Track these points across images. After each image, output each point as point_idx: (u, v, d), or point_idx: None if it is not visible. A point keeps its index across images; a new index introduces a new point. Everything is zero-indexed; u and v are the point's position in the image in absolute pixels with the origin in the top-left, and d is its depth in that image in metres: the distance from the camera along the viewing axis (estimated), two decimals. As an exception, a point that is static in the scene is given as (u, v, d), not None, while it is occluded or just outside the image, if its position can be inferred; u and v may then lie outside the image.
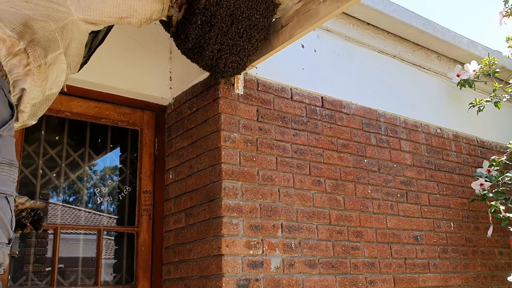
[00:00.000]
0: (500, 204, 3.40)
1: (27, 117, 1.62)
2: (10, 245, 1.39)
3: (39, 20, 1.57)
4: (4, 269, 1.41)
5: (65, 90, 1.84)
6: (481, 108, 3.74)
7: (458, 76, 3.77)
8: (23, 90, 1.52)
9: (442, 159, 3.69)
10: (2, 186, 1.34)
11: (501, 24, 3.64)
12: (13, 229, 1.40)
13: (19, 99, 1.54)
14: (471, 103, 3.79)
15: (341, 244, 2.83)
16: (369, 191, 3.09)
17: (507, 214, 3.37)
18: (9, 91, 1.47)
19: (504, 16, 3.60)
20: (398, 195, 3.26)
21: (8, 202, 1.37)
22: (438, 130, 3.76)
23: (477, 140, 4.09)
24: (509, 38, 3.80)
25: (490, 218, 3.51)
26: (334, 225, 2.84)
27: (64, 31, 1.64)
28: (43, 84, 1.58)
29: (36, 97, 1.58)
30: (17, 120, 1.58)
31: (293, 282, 2.55)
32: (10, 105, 1.43)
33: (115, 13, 1.76)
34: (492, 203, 3.42)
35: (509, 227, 3.44)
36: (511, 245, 3.88)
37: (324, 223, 2.79)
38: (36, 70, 1.51)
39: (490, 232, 3.47)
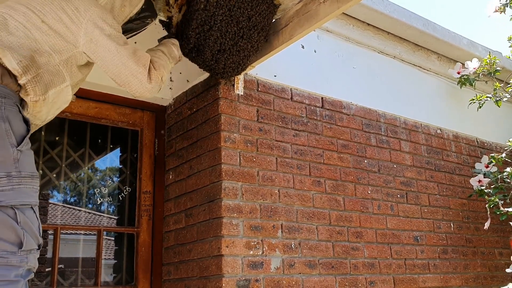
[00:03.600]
0: (499, 199, 3.40)
1: None
2: (39, 250, 1.49)
3: (45, 53, 1.61)
4: (34, 272, 1.49)
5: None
6: (482, 104, 3.73)
7: (459, 73, 3.76)
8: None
9: (442, 160, 3.69)
10: (27, 198, 1.45)
11: (490, 16, 3.63)
12: (40, 235, 1.50)
13: None
14: (472, 99, 3.78)
15: (341, 245, 2.83)
16: (369, 192, 3.09)
17: (506, 209, 3.37)
18: (22, 107, 1.55)
19: (496, 11, 3.58)
20: (398, 196, 3.26)
21: (34, 211, 1.48)
22: (438, 131, 3.76)
23: (477, 141, 4.09)
24: (511, 38, 3.80)
25: (488, 212, 3.51)
26: (334, 225, 2.84)
27: (68, 63, 1.69)
28: (39, 115, 1.64)
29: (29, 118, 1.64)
30: None
31: (293, 283, 2.55)
32: (25, 120, 1.52)
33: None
34: (491, 198, 3.42)
35: (510, 223, 3.44)
36: (511, 246, 3.88)
37: (324, 223, 2.79)
38: (32, 104, 1.58)
39: (487, 225, 3.47)
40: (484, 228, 3.50)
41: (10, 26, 1.59)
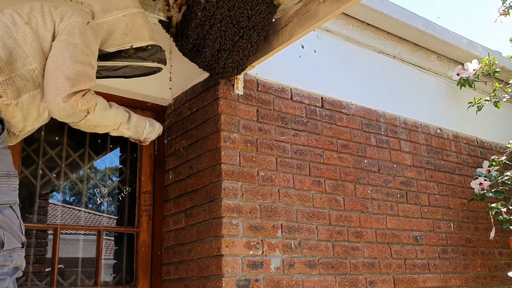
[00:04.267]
0: (501, 205, 3.39)
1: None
2: (24, 248, 1.51)
3: (23, 56, 1.61)
4: (22, 271, 1.50)
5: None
6: (480, 107, 3.74)
7: (458, 75, 3.77)
8: None
9: (442, 160, 3.69)
10: (4, 198, 1.45)
11: (496, 21, 3.63)
12: (23, 233, 1.52)
13: None
14: (471, 102, 3.79)
15: (341, 245, 2.83)
16: (369, 192, 3.09)
17: (509, 216, 3.37)
18: None
19: (501, 14, 3.59)
20: (398, 196, 3.26)
21: (14, 210, 1.49)
22: (438, 131, 3.77)
23: (477, 141, 4.09)
24: None
25: (492, 220, 3.50)
26: (334, 225, 2.84)
27: (42, 72, 1.69)
28: (13, 122, 1.63)
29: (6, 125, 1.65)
30: None
31: (293, 283, 2.55)
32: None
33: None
34: (493, 204, 3.41)
35: (511, 226, 3.44)
36: (511, 246, 3.88)
37: (324, 223, 2.79)
38: (4, 108, 1.58)
39: (492, 234, 3.45)
40: (490, 238, 3.49)
41: None
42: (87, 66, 1.76)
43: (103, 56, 1.97)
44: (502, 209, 3.37)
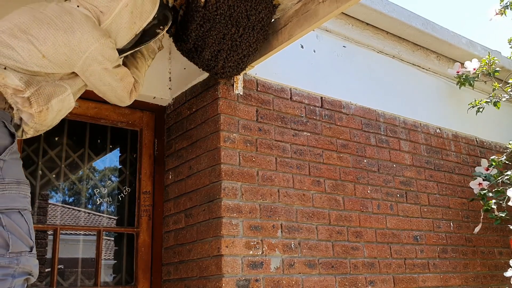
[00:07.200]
0: (494, 203, 3.39)
1: (32, 133, 1.81)
2: (33, 252, 1.55)
3: (43, 75, 1.73)
4: (33, 276, 1.58)
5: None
6: (481, 109, 3.73)
7: (458, 72, 3.77)
8: (23, 121, 1.72)
9: (442, 159, 3.69)
10: (13, 203, 1.51)
11: (491, 20, 3.66)
12: (32, 238, 1.56)
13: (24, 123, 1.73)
14: (471, 104, 3.79)
15: (340, 244, 2.83)
16: (368, 191, 3.09)
17: (500, 214, 3.37)
18: (11, 120, 1.66)
19: (497, 13, 3.60)
20: (398, 195, 3.26)
21: (22, 215, 1.54)
22: (438, 130, 3.77)
23: (476, 140, 4.10)
24: (511, 40, 3.81)
25: (482, 217, 3.51)
26: (334, 225, 2.84)
27: (64, 77, 1.82)
28: (44, 123, 1.77)
29: (35, 126, 1.77)
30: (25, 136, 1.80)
31: (293, 283, 2.55)
32: (11, 134, 1.61)
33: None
34: (488, 202, 3.41)
35: (510, 226, 3.44)
36: (511, 245, 3.88)
37: (323, 223, 2.79)
38: (37, 115, 1.71)
39: (477, 229, 3.47)
40: (474, 232, 3.50)
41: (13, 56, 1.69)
42: (121, 70, 1.97)
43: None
44: (494, 207, 3.38)
